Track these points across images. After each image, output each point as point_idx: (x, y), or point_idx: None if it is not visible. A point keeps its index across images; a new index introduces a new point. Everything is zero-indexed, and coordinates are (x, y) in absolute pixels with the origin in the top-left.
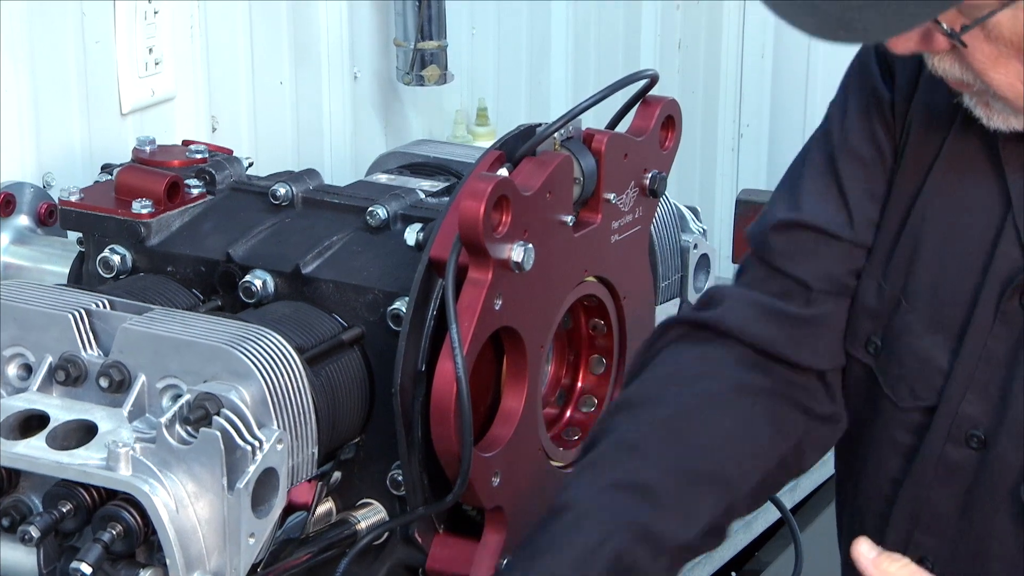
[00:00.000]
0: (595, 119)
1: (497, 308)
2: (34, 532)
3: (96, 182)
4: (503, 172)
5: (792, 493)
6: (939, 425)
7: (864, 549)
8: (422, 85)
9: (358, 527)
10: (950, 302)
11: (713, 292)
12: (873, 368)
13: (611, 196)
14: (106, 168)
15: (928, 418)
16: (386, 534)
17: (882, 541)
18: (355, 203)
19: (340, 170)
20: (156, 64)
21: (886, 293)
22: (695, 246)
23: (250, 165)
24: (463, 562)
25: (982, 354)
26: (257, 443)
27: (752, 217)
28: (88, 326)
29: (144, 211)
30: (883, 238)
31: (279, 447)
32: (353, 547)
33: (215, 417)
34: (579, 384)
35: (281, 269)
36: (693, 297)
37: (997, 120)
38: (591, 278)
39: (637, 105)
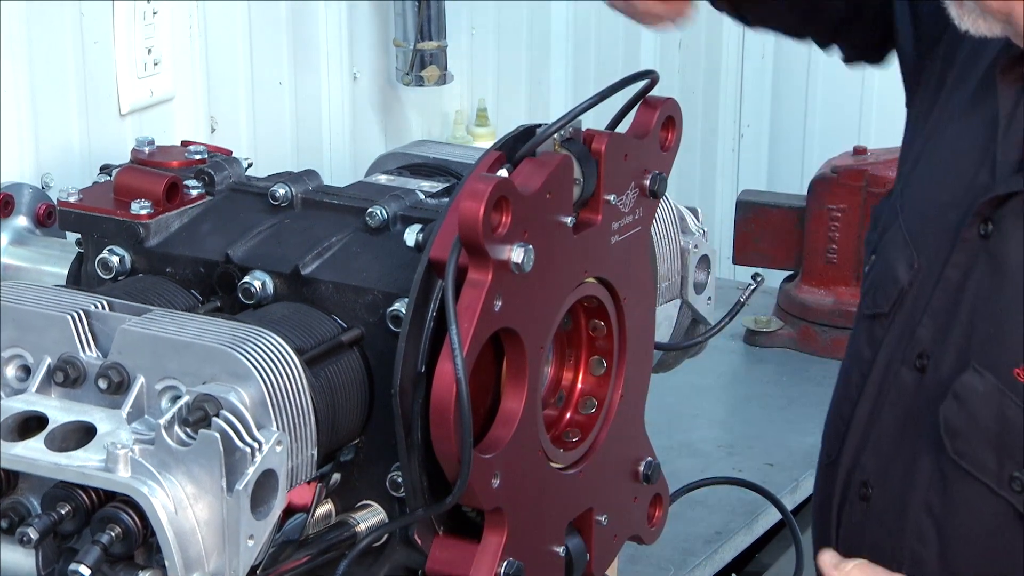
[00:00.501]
0: (595, 120)
1: (497, 309)
2: (32, 534)
3: (95, 183)
4: (503, 173)
5: (793, 495)
6: (892, 340)
7: (827, 557)
8: (421, 85)
9: (357, 529)
10: (930, 221)
11: None
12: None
13: (611, 197)
14: (105, 169)
15: (884, 333)
16: (386, 536)
17: (836, 466)
18: (354, 204)
19: (339, 171)
20: (155, 64)
21: (895, 208)
22: (695, 247)
23: (249, 166)
24: (463, 564)
25: (939, 281)
26: (256, 445)
27: (752, 218)
28: (87, 327)
29: (143, 212)
30: (908, 155)
31: (278, 449)
32: (352, 549)
33: (214, 419)
34: (579, 385)
35: (280, 270)
36: (693, 298)
37: (967, 22)
38: (591, 279)
39: (637, 106)
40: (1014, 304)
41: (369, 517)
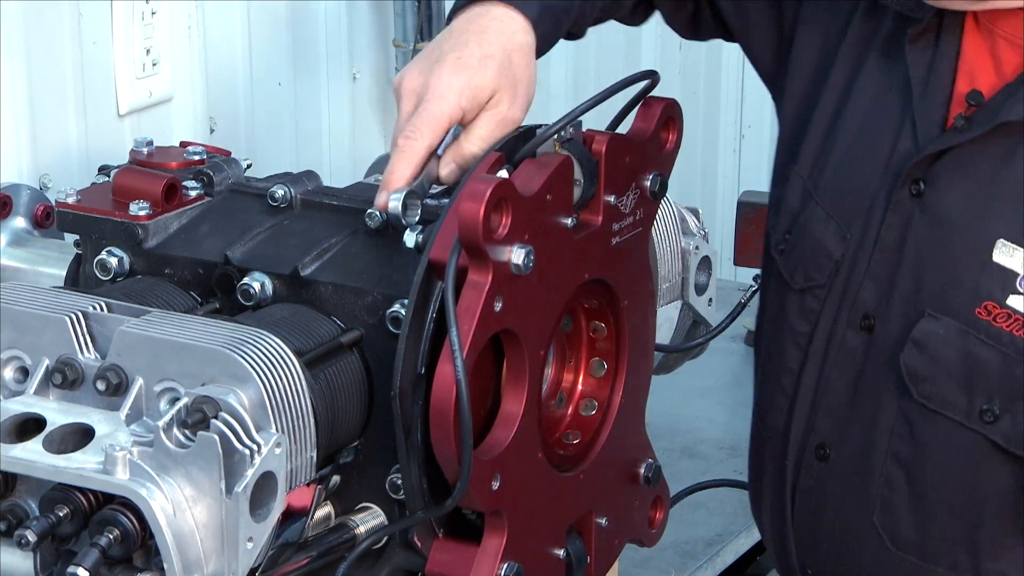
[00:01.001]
0: (595, 120)
1: (497, 310)
2: (30, 536)
3: (93, 184)
4: (503, 174)
5: None
6: (831, 309)
7: None
8: None
9: (357, 531)
10: (852, 193)
11: None
12: (778, 263)
13: (611, 198)
14: (103, 170)
15: (820, 304)
16: (385, 538)
17: (785, 437)
18: (354, 205)
19: (339, 171)
20: (154, 65)
21: (806, 189)
22: (696, 248)
23: (248, 166)
24: (463, 567)
25: (877, 243)
26: (255, 447)
27: (754, 219)
28: (85, 329)
29: (142, 213)
30: (812, 139)
31: (277, 451)
32: (352, 551)
33: (213, 420)
34: (579, 387)
35: (279, 271)
36: (694, 299)
37: None
38: (592, 280)
39: (638, 106)
40: (964, 250)
41: (369, 519)
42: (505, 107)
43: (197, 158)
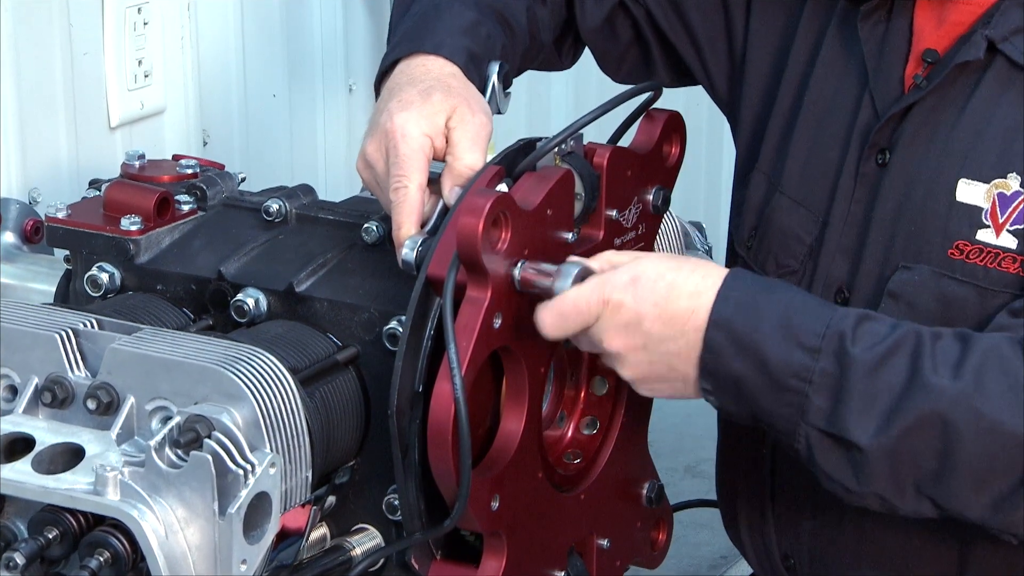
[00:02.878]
0: (597, 133)
1: (496, 327)
2: (19, 559)
3: (84, 198)
4: (502, 188)
5: None
6: (806, 289)
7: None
8: None
9: (353, 553)
10: (818, 177)
11: None
12: (747, 259)
13: (613, 212)
14: (94, 183)
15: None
16: (382, 560)
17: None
18: (350, 219)
19: (335, 185)
20: (146, 76)
21: (770, 182)
22: None
23: (242, 180)
24: None
25: (847, 219)
26: (249, 467)
27: None
28: (75, 346)
29: (133, 228)
30: (772, 134)
31: (272, 471)
32: (348, 574)
33: (206, 440)
34: (580, 406)
35: (274, 287)
36: None
37: None
38: None
39: (640, 119)
40: (927, 200)
41: (365, 541)
42: (470, 117)
43: (190, 172)
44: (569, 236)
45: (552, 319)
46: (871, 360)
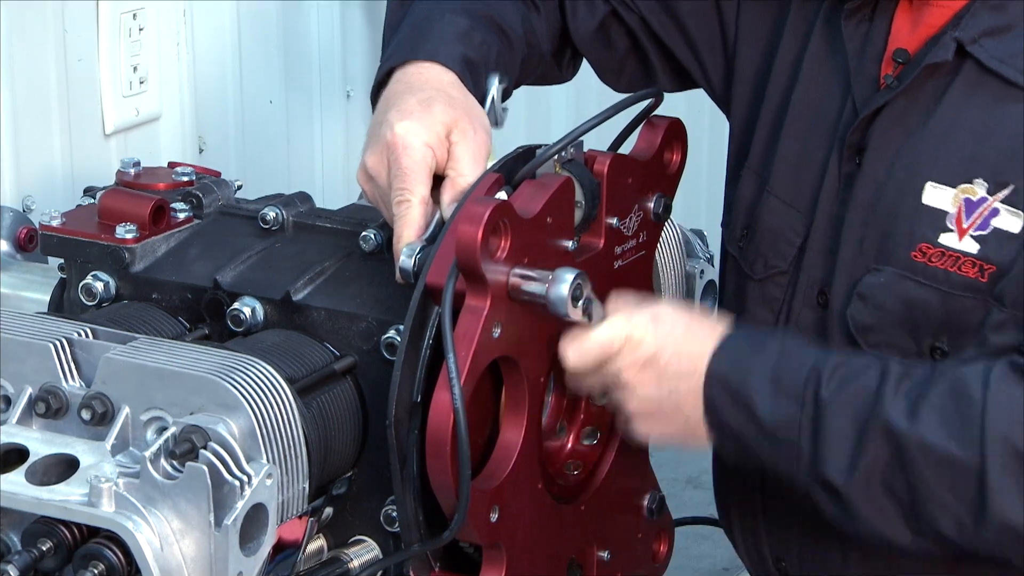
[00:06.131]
0: (597, 140)
1: (495, 336)
2: (12, 571)
3: (78, 206)
4: (502, 195)
5: None
6: (791, 294)
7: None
8: None
9: (350, 565)
10: (806, 178)
11: None
12: (737, 257)
13: (614, 220)
14: (89, 191)
15: (783, 291)
16: (380, 572)
17: None
18: (348, 227)
19: (332, 193)
20: (141, 83)
21: (759, 181)
22: (701, 272)
23: (239, 188)
24: None
25: (831, 220)
26: (245, 478)
27: None
28: (69, 356)
29: (128, 236)
30: (761, 133)
31: (268, 482)
32: None
33: (202, 451)
34: (581, 415)
35: (271, 296)
36: None
37: None
38: None
39: (641, 126)
40: (896, 203)
41: (363, 553)
42: (471, 133)
43: (186, 179)
44: (569, 244)
45: (576, 353)
46: (841, 400)
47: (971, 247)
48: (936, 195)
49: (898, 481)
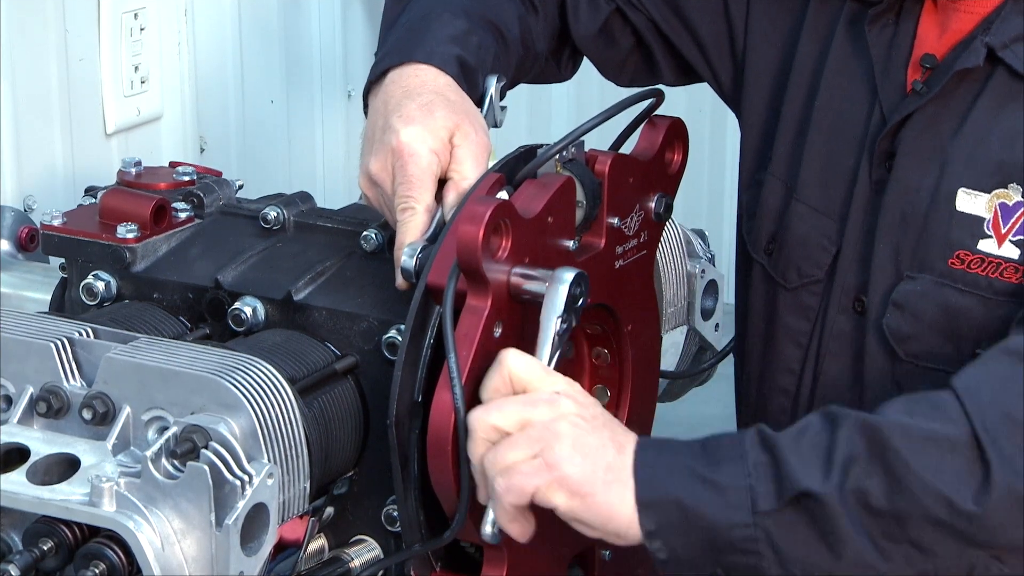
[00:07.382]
0: (598, 140)
1: (497, 336)
2: (13, 571)
3: (79, 205)
4: (503, 195)
5: None
6: (828, 301)
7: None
8: None
9: (352, 565)
10: (835, 185)
11: None
12: (766, 266)
13: (615, 220)
14: (90, 191)
15: (818, 299)
16: (381, 572)
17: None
18: (349, 227)
19: (333, 192)
20: (142, 82)
21: (786, 188)
22: (702, 271)
23: (240, 188)
24: None
25: (863, 227)
26: (247, 477)
27: None
28: (71, 356)
29: (129, 236)
30: (784, 138)
31: (269, 482)
32: None
33: (203, 450)
34: None
35: (272, 296)
36: (700, 324)
37: None
38: (594, 305)
39: (642, 126)
40: (929, 209)
41: (364, 553)
42: (473, 135)
43: (187, 179)
44: (570, 244)
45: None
46: (790, 433)
47: (1012, 252)
48: (970, 201)
49: (877, 473)
